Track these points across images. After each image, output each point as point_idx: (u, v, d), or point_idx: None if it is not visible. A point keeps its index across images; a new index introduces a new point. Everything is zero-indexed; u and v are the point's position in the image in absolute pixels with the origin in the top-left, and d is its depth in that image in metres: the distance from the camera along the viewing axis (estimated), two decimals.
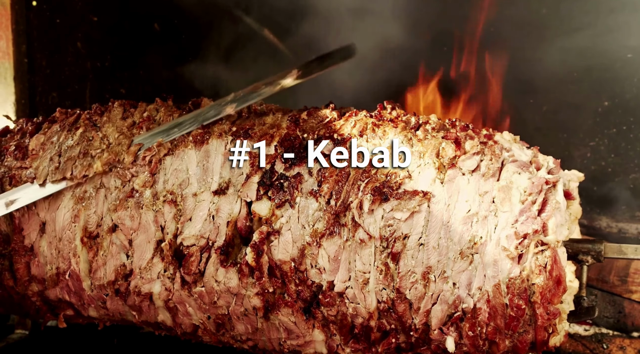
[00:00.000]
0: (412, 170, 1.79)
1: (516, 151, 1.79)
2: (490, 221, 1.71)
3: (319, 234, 1.81)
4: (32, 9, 2.92)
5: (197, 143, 1.93)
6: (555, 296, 1.70)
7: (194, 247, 1.89)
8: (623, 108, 2.35)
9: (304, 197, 1.82)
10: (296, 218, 1.82)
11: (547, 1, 2.44)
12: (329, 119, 1.93)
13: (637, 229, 2.39)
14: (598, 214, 2.42)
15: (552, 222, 1.68)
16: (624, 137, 2.39)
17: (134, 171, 1.94)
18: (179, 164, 1.93)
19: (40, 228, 2.01)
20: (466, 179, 1.75)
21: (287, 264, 1.84)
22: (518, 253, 1.69)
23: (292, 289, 1.85)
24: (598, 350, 2.32)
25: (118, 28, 2.95)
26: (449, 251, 1.73)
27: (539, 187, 1.71)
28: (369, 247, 1.78)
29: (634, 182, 2.38)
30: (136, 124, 2.02)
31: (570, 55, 2.41)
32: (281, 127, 1.92)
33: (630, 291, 2.33)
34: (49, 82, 2.94)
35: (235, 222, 1.87)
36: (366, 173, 1.80)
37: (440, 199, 1.74)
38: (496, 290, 1.71)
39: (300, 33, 2.69)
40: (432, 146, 1.80)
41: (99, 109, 2.09)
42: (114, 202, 1.94)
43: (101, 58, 2.98)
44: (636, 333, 2.32)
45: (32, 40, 2.94)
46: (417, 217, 1.75)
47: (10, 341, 2.50)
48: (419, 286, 1.77)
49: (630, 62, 2.34)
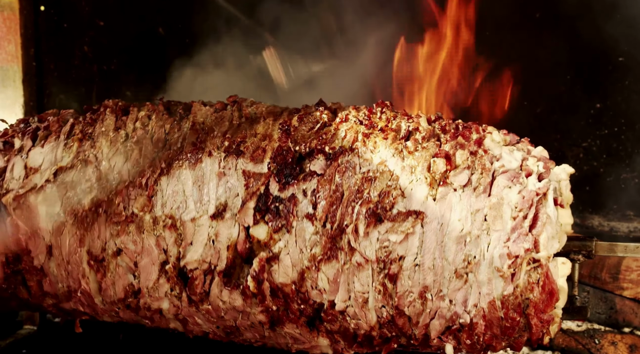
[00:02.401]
0: (404, 186, 1.71)
1: (506, 157, 1.72)
2: (483, 239, 1.65)
3: (317, 258, 1.75)
4: (41, 13, 2.92)
5: (191, 163, 1.85)
6: (548, 306, 1.66)
7: (197, 271, 1.84)
8: (614, 110, 2.34)
9: (300, 221, 1.75)
10: (294, 242, 1.76)
11: (542, 4, 2.45)
12: (320, 124, 1.84)
13: (628, 228, 2.38)
14: (590, 213, 2.41)
15: (544, 237, 1.63)
16: (616, 139, 2.36)
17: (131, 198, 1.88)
18: (175, 184, 1.85)
19: (48, 251, 1.95)
20: (458, 195, 1.68)
21: (288, 286, 1.78)
22: (511, 273, 1.63)
23: (294, 307, 1.80)
24: (590, 345, 2.32)
25: (124, 32, 2.96)
26: (444, 271, 1.68)
27: (530, 202, 1.64)
28: (367, 269, 1.72)
29: (625, 182, 2.37)
30: (129, 137, 1.93)
31: (564, 58, 2.42)
32: (272, 139, 1.84)
33: (622, 288, 2.32)
34: (56, 85, 2.95)
35: (235, 245, 1.81)
36: (359, 193, 1.73)
37: (433, 218, 1.68)
38: (491, 306, 1.67)
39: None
40: (423, 159, 1.73)
41: (91, 118, 2.00)
42: (115, 227, 1.88)
43: (107, 61, 2.99)
44: (627, 329, 2.31)
45: (41, 44, 2.95)
46: (412, 239, 1.69)
47: (19, 336, 2.50)
48: (417, 304, 1.72)
49: (621, 65, 2.34)
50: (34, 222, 1.94)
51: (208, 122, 1.91)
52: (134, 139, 1.92)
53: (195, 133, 1.89)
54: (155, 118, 1.96)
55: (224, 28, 2.84)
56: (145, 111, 1.98)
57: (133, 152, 1.91)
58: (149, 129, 1.94)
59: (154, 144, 1.91)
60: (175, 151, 1.88)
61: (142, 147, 1.91)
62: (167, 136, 1.92)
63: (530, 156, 1.74)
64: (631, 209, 2.37)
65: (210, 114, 1.94)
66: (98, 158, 1.93)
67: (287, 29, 2.70)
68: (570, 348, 2.29)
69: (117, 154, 1.92)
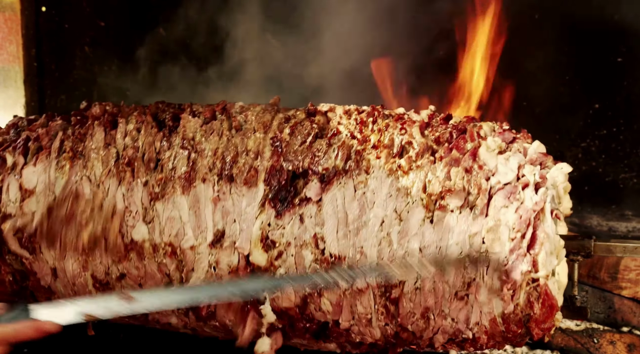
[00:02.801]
0: (400, 210, 1.67)
1: (502, 169, 1.66)
2: (482, 262, 1.62)
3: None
4: (42, 14, 2.92)
5: (184, 188, 1.81)
6: (548, 317, 1.65)
7: None
8: (613, 110, 2.33)
9: (299, 249, 1.73)
10: (294, 269, 1.73)
11: (543, 5, 2.45)
12: (312, 136, 1.78)
13: (627, 228, 2.37)
14: (589, 213, 2.40)
15: (542, 256, 1.60)
16: (614, 139, 2.36)
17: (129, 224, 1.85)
18: (171, 210, 1.81)
19: (53, 273, 1.94)
20: (455, 217, 1.64)
21: (292, 310, 1.77)
22: (510, 294, 1.61)
23: (299, 326, 1.80)
24: (589, 345, 2.32)
25: (124, 32, 2.97)
26: (444, 293, 1.66)
27: (527, 221, 1.60)
28: (368, 294, 1.71)
29: (624, 182, 2.37)
30: (120, 157, 1.88)
31: (563, 58, 2.42)
32: (264, 157, 1.78)
33: (620, 287, 2.32)
34: (57, 85, 2.95)
35: (237, 270, 1.78)
36: (357, 220, 1.69)
37: (432, 242, 1.64)
38: (493, 323, 1.65)
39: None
40: (418, 179, 1.68)
41: (80, 133, 1.94)
42: (116, 254, 1.86)
43: (108, 62, 2.99)
44: (626, 328, 2.31)
45: (42, 44, 2.95)
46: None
47: None
48: (419, 323, 1.71)
49: (620, 65, 2.35)
50: (36, 246, 1.93)
51: (198, 138, 1.86)
52: (126, 160, 1.87)
53: (186, 152, 1.84)
54: (144, 132, 1.90)
55: (225, 29, 2.84)
56: (133, 123, 1.92)
57: (126, 175, 1.87)
58: (139, 145, 1.88)
59: (145, 164, 1.86)
60: (168, 174, 1.84)
61: (134, 169, 1.87)
62: (158, 155, 1.86)
63: (527, 162, 1.69)
64: (630, 209, 2.37)
65: (200, 127, 1.87)
66: (92, 181, 1.89)
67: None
68: (569, 347, 2.29)
69: (110, 176, 1.88)
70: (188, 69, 2.92)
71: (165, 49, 2.90)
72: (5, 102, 2.88)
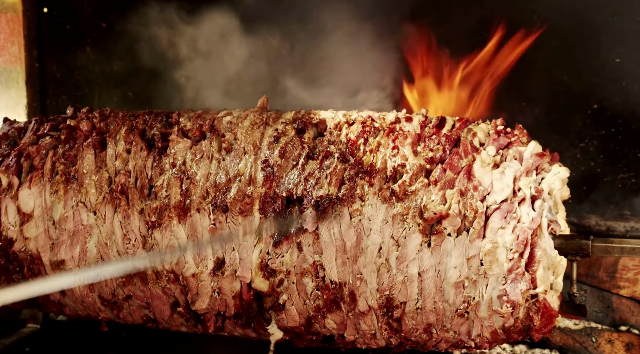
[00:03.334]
0: (397, 236, 1.65)
1: (497, 185, 1.64)
2: (480, 282, 1.62)
3: (321, 309, 1.73)
4: (43, 15, 2.92)
5: (180, 217, 1.79)
6: (548, 325, 1.66)
7: (208, 314, 1.85)
8: (611, 111, 2.31)
9: (299, 277, 1.72)
10: (296, 295, 1.73)
11: (540, 8, 2.45)
12: (303, 158, 1.74)
13: (625, 227, 2.36)
14: (587, 212, 2.39)
15: (540, 273, 1.60)
16: (613, 139, 2.32)
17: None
18: (170, 238, 1.80)
19: (61, 292, 1.96)
20: (452, 241, 1.62)
21: (298, 328, 1.78)
22: (510, 312, 1.62)
23: (306, 338, 1.82)
24: (587, 344, 2.32)
25: (125, 34, 2.96)
26: (445, 311, 1.66)
27: (524, 241, 1.59)
28: (370, 315, 1.71)
29: (622, 182, 2.35)
30: (113, 182, 1.86)
31: (561, 59, 2.42)
32: (257, 183, 1.73)
33: (618, 287, 2.32)
34: (59, 86, 2.95)
35: (240, 294, 1.79)
36: (355, 247, 1.68)
37: (430, 267, 1.64)
38: (494, 334, 1.67)
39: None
40: (413, 204, 1.64)
41: (69, 155, 1.91)
42: (120, 279, 1.86)
43: (109, 63, 2.99)
44: (624, 327, 2.31)
45: (43, 45, 2.95)
46: (411, 287, 1.66)
47: (22, 334, 2.49)
48: (423, 336, 1.72)
49: (618, 66, 2.33)
50: (40, 268, 1.94)
51: (188, 162, 1.82)
52: (119, 188, 1.85)
53: (178, 180, 1.81)
54: (134, 154, 1.86)
55: (228, 31, 2.84)
56: (122, 144, 1.88)
57: (121, 203, 1.85)
58: (130, 169, 1.85)
59: (139, 191, 1.84)
60: (162, 202, 1.81)
61: (128, 196, 1.84)
62: (151, 182, 1.83)
63: (523, 176, 1.66)
64: (628, 209, 2.36)
65: (189, 148, 1.83)
66: (87, 206, 1.87)
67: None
68: (568, 346, 2.29)
69: (106, 204, 1.86)
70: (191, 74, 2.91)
71: (165, 51, 2.89)
72: (7, 103, 2.87)
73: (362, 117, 1.79)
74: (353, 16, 2.43)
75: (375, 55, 2.41)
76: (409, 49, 2.38)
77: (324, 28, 2.48)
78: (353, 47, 2.45)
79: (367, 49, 2.44)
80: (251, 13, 2.60)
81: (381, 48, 2.42)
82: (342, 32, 2.48)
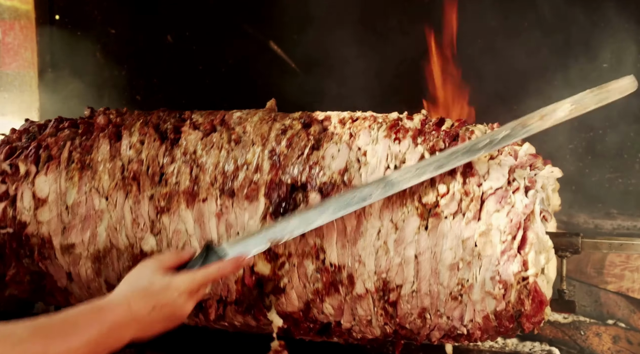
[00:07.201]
0: (396, 219, 1.66)
1: (493, 174, 1.66)
2: (474, 264, 1.62)
3: (320, 292, 1.73)
4: (55, 22, 2.93)
5: (188, 202, 1.80)
6: (538, 312, 1.65)
7: (210, 300, 1.84)
8: (599, 113, 2.35)
9: (300, 259, 1.73)
10: (297, 278, 1.74)
11: (525, 11, 2.46)
12: (309, 148, 1.76)
13: (612, 225, 2.37)
14: (576, 211, 2.39)
15: (531, 256, 1.60)
16: (600, 140, 2.37)
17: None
18: (177, 223, 1.80)
19: (68, 277, 1.95)
20: (448, 223, 1.63)
21: (297, 313, 1.78)
22: (502, 293, 1.62)
23: (304, 326, 1.81)
24: (576, 336, 2.33)
25: (134, 40, 2.97)
26: (439, 294, 1.66)
27: (518, 224, 1.61)
28: (367, 298, 1.71)
29: (609, 182, 2.36)
30: (126, 170, 1.87)
31: (552, 63, 2.42)
32: (263, 171, 1.76)
33: (606, 282, 2.32)
34: (70, 90, 2.96)
35: (242, 279, 1.79)
36: (355, 231, 1.69)
37: (426, 248, 1.64)
38: (486, 319, 1.66)
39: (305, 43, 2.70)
40: (412, 188, 1.66)
41: (86, 145, 1.93)
42: (127, 262, 1.86)
43: (118, 67, 3.00)
44: (611, 321, 2.31)
45: (55, 51, 2.96)
46: (407, 269, 1.66)
47: None
48: (417, 322, 1.71)
49: (605, 71, 2.35)
50: (50, 252, 1.93)
51: (199, 152, 1.84)
52: (131, 174, 1.86)
53: (188, 167, 1.82)
54: (147, 145, 1.88)
55: (228, 32, 2.85)
56: (136, 135, 1.90)
57: (132, 189, 1.86)
58: (142, 159, 1.87)
59: (150, 178, 1.85)
60: (172, 188, 1.82)
61: (140, 182, 1.86)
62: (162, 169, 1.85)
63: (518, 168, 1.69)
64: (615, 208, 2.37)
65: (200, 139, 1.85)
66: (100, 192, 1.88)
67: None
68: (557, 339, 2.30)
69: (118, 190, 1.87)
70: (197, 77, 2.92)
71: (174, 55, 2.90)
72: (20, 106, 2.88)
73: (366, 115, 1.83)
74: None
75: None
76: None
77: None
78: None
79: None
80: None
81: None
82: None
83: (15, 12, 2.85)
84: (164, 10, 2.89)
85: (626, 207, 2.36)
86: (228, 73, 2.85)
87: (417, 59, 2.44)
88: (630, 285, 2.26)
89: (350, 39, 2.57)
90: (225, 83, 2.84)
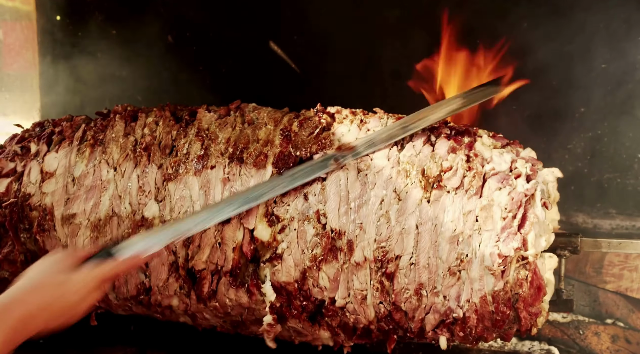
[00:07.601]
0: (399, 190, 1.69)
1: (496, 159, 1.70)
2: (474, 239, 1.64)
3: (317, 258, 1.73)
4: (57, 23, 2.93)
5: (197, 169, 1.83)
6: (536, 300, 1.66)
7: (205, 271, 1.83)
8: (598, 114, 2.35)
9: (301, 223, 1.74)
10: (296, 243, 1.74)
11: (528, 14, 2.46)
12: (319, 129, 1.82)
13: (611, 225, 2.37)
14: (575, 211, 2.40)
15: (531, 236, 1.62)
16: (599, 141, 2.37)
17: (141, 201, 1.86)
18: (183, 190, 1.83)
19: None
20: (451, 197, 1.66)
21: (291, 285, 1.77)
22: (501, 270, 1.62)
23: (297, 304, 1.79)
24: (575, 336, 2.33)
25: (134, 40, 2.97)
26: (438, 269, 1.67)
27: (518, 203, 1.63)
28: (365, 268, 1.71)
29: (608, 182, 2.36)
30: (138, 143, 1.91)
31: (550, 65, 2.42)
32: (274, 144, 1.81)
33: (605, 282, 2.33)
34: (72, 91, 2.96)
35: (241, 246, 1.79)
36: (358, 198, 1.72)
37: (428, 219, 1.66)
38: (483, 301, 1.66)
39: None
40: (417, 163, 1.71)
41: (102, 124, 1.98)
42: (126, 230, 1.87)
43: (119, 68, 3.00)
44: (610, 320, 2.32)
45: (57, 51, 2.96)
46: (407, 239, 1.67)
47: None
48: (412, 300, 1.71)
49: (604, 72, 2.35)
50: (50, 224, 1.93)
51: (212, 129, 1.89)
52: (143, 145, 1.90)
53: (200, 140, 1.88)
54: (162, 124, 1.94)
55: (228, 33, 2.85)
56: (152, 117, 1.96)
57: (142, 159, 1.89)
58: (156, 135, 1.92)
59: (161, 150, 1.89)
60: (182, 157, 1.86)
61: (150, 153, 1.89)
62: (174, 142, 1.90)
63: (519, 158, 1.72)
64: (614, 208, 2.37)
65: (214, 120, 1.91)
66: (109, 163, 1.91)
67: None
68: (556, 338, 2.30)
69: (127, 160, 1.90)
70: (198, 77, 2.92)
71: (176, 56, 2.90)
72: (22, 107, 2.89)
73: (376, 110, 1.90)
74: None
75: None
76: None
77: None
78: None
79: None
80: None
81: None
82: None
83: (17, 13, 2.85)
84: (164, 10, 2.89)
85: (625, 207, 2.36)
86: (228, 73, 2.85)
87: (418, 60, 2.44)
88: (629, 285, 2.26)
89: (350, 39, 2.57)
90: (225, 83, 2.84)
